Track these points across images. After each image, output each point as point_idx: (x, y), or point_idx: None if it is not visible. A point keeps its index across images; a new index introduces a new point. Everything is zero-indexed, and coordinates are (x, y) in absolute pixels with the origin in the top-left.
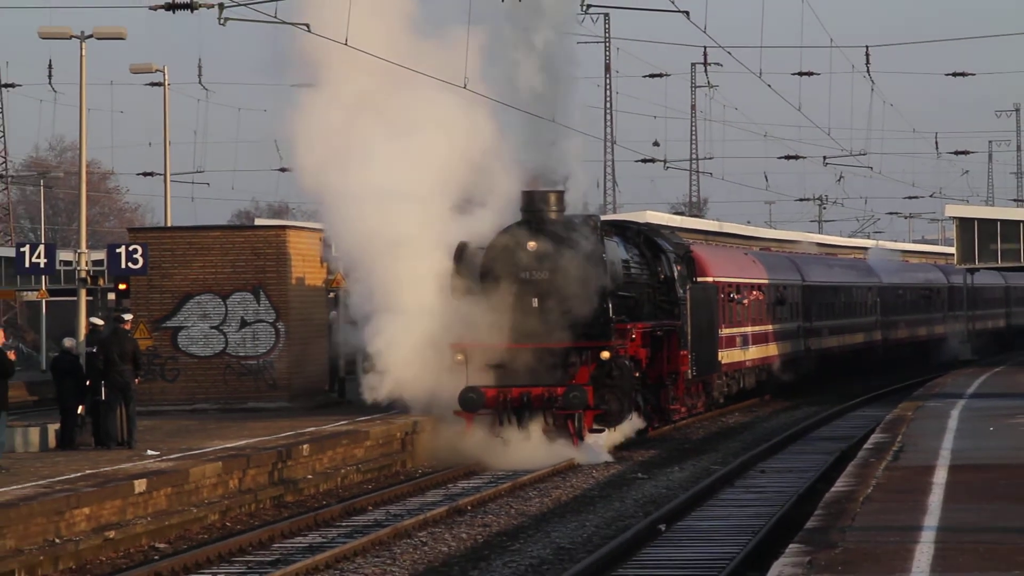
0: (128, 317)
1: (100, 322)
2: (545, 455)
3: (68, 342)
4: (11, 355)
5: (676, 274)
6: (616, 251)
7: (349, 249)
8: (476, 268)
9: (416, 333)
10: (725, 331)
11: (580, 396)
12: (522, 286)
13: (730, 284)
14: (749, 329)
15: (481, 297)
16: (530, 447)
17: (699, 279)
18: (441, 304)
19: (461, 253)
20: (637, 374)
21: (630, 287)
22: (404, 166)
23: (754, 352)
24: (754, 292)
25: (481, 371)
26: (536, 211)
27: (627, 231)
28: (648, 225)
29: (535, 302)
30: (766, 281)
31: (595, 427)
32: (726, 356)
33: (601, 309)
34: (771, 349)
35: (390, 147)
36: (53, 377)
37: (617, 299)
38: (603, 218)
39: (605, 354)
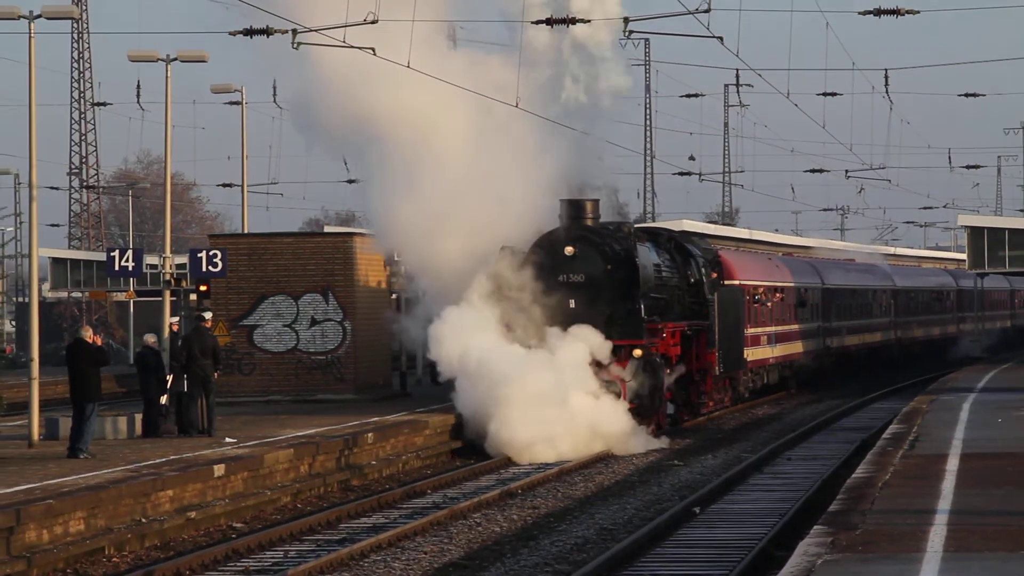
0: (208, 316)
1: (175, 319)
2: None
3: (150, 338)
4: (98, 340)
5: (705, 277)
6: (648, 256)
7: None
8: (518, 271)
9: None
10: (750, 330)
11: (614, 390)
12: (560, 288)
13: (755, 287)
14: (773, 329)
15: (522, 298)
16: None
17: (726, 282)
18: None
19: (504, 257)
20: (668, 371)
21: (661, 289)
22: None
23: (777, 350)
24: (777, 294)
25: None
26: (574, 218)
27: (659, 237)
28: (679, 232)
29: (572, 303)
30: (788, 284)
31: None
32: (751, 354)
33: (634, 309)
34: (793, 347)
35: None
36: (137, 370)
37: (649, 300)
38: (637, 225)
39: (638, 352)
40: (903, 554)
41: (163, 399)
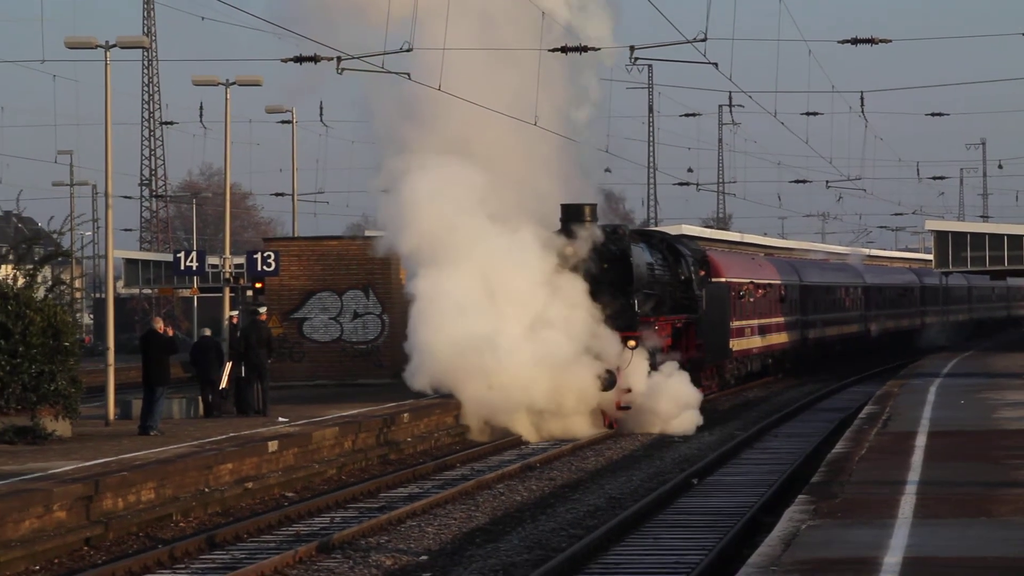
0: (263, 310)
1: (234, 312)
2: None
3: (206, 331)
4: (170, 331)
5: (694, 275)
6: (642, 255)
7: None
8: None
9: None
10: (735, 323)
11: (611, 378)
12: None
13: (740, 283)
14: (756, 321)
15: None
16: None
17: (714, 279)
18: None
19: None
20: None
21: (654, 286)
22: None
23: (760, 341)
24: (760, 290)
25: None
26: (573, 221)
27: (652, 238)
28: (676, 235)
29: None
30: (770, 281)
31: (623, 405)
32: (736, 344)
33: (628, 304)
34: (774, 338)
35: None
36: (196, 358)
37: (642, 296)
38: (631, 228)
39: (632, 343)
40: (878, 520)
41: (223, 383)
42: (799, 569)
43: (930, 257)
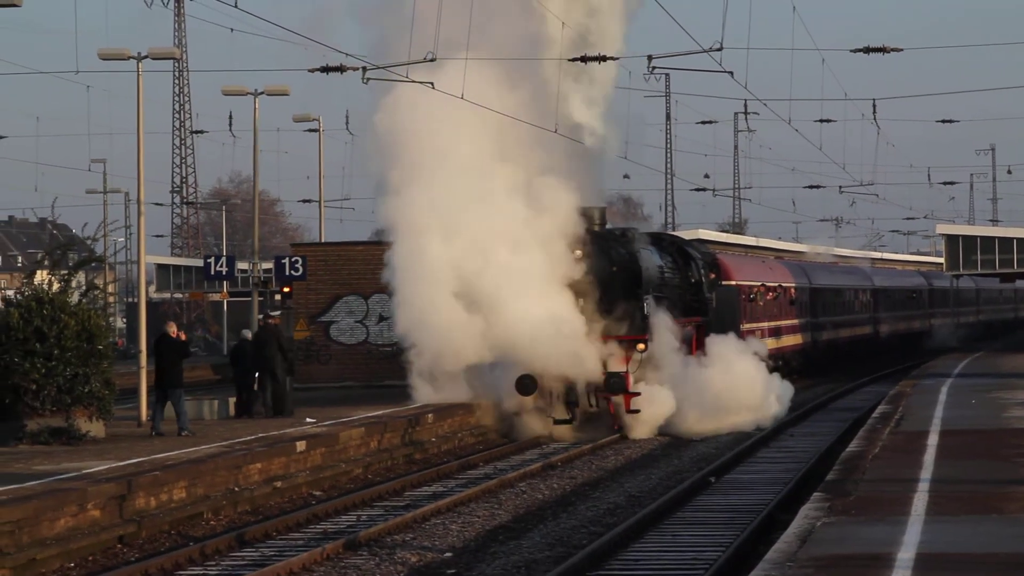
0: (276, 314)
1: (275, 313)
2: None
3: (247, 333)
4: (182, 335)
5: (704, 278)
6: (651, 258)
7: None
8: None
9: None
10: (746, 326)
11: (619, 381)
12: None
13: (750, 286)
14: (766, 324)
15: None
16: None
17: (724, 282)
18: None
19: None
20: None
21: (663, 289)
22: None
23: (770, 343)
24: (770, 293)
25: None
26: (582, 224)
27: (662, 241)
28: (680, 237)
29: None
30: (780, 284)
31: (632, 408)
32: None
33: (638, 307)
34: (784, 340)
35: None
36: (232, 360)
37: (652, 299)
38: (640, 231)
39: (641, 346)
40: (891, 517)
41: (255, 385)
42: (815, 565)
43: (940, 260)
